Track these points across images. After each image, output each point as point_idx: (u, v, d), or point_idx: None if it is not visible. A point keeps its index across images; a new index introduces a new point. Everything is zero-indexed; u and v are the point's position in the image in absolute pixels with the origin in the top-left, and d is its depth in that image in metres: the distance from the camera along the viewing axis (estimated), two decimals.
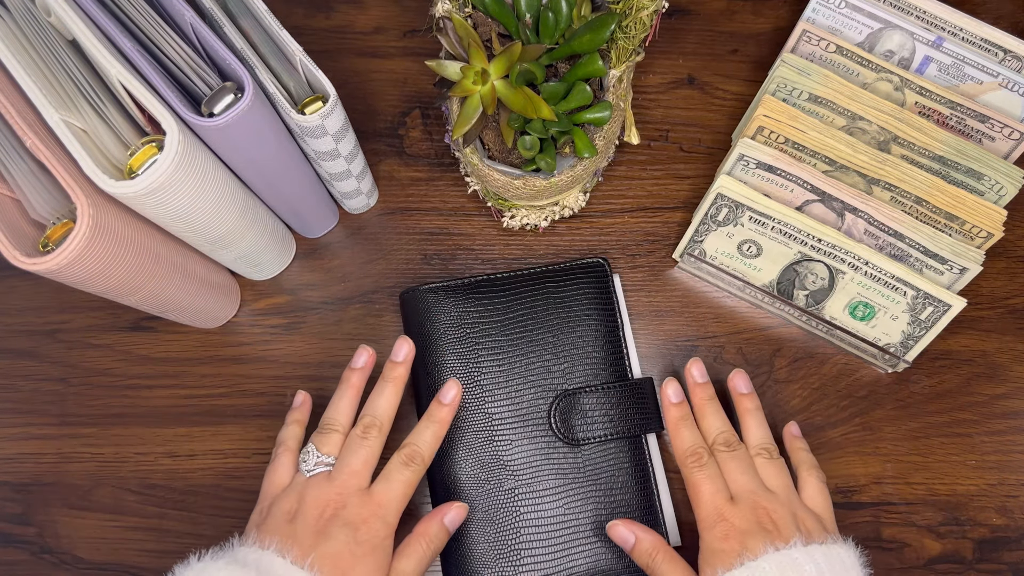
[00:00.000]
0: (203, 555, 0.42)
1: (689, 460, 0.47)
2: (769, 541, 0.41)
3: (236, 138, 0.44)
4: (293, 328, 0.58)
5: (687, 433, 0.49)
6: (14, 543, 0.55)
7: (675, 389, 0.51)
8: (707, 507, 0.44)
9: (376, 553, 0.43)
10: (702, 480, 0.46)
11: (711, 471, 0.46)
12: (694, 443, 0.48)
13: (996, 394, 0.56)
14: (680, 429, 0.49)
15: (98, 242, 0.41)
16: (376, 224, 0.61)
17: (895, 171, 0.53)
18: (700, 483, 0.46)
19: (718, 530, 0.43)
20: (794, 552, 0.40)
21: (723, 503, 0.44)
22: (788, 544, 0.41)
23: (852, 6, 0.57)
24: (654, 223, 0.60)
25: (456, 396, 0.51)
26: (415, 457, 0.47)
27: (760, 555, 0.40)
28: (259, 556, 0.41)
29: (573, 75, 0.49)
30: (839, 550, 0.42)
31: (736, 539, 0.42)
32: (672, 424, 0.50)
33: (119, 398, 0.57)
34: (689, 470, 0.47)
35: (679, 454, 0.48)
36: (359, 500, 0.44)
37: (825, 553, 0.41)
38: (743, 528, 0.42)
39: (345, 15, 0.65)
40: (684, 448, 0.48)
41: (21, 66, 0.42)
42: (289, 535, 0.42)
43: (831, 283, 0.54)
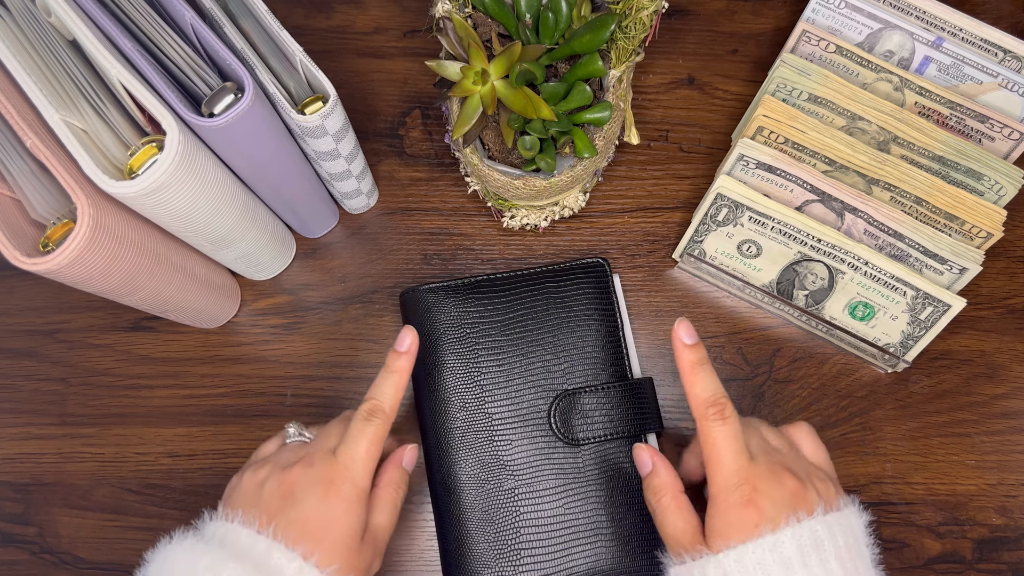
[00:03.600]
0: (175, 534, 0.40)
1: (710, 411, 0.40)
2: (791, 509, 0.37)
3: (236, 138, 0.44)
4: (293, 328, 0.58)
5: (707, 380, 0.42)
6: (14, 543, 0.55)
7: (687, 329, 0.43)
8: (729, 467, 0.39)
9: (348, 515, 0.41)
10: (726, 437, 0.40)
11: (735, 426, 0.40)
12: (716, 391, 0.41)
13: (996, 394, 0.56)
14: (697, 374, 0.42)
15: (98, 242, 0.41)
16: (376, 224, 0.61)
17: (895, 171, 0.53)
18: (723, 440, 0.40)
19: (738, 495, 0.38)
20: (815, 524, 0.37)
21: (746, 462, 0.39)
22: (811, 515, 0.37)
23: (852, 6, 0.57)
24: (654, 223, 0.60)
25: (412, 343, 0.46)
26: (376, 411, 0.44)
27: (780, 528, 0.37)
28: (225, 529, 0.39)
29: (573, 75, 0.50)
30: (851, 518, 0.39)
31: (757, 506, 0.37)
32: (687, 369, 0.42)
33: (119, 398, 0.57)
34: (710, 423, 0.40)
35: (697, 404, 0.41)
36: (325, 460, 0.42)
37: (842, 524, 0.38)
38: (766, 491, 0.38)
39: (345, 15, 0.65)
40: (704, 397, 0.41)
41: (21, 66, 0.42)
42: (255, 503, 0.41)
43: (831, 283, 0.54)
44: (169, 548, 0.39)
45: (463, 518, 0.51)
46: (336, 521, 0.40)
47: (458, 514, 0.51)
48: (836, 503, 0.39)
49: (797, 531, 0.36)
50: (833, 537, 0.37)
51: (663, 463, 0.44)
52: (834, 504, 0.39)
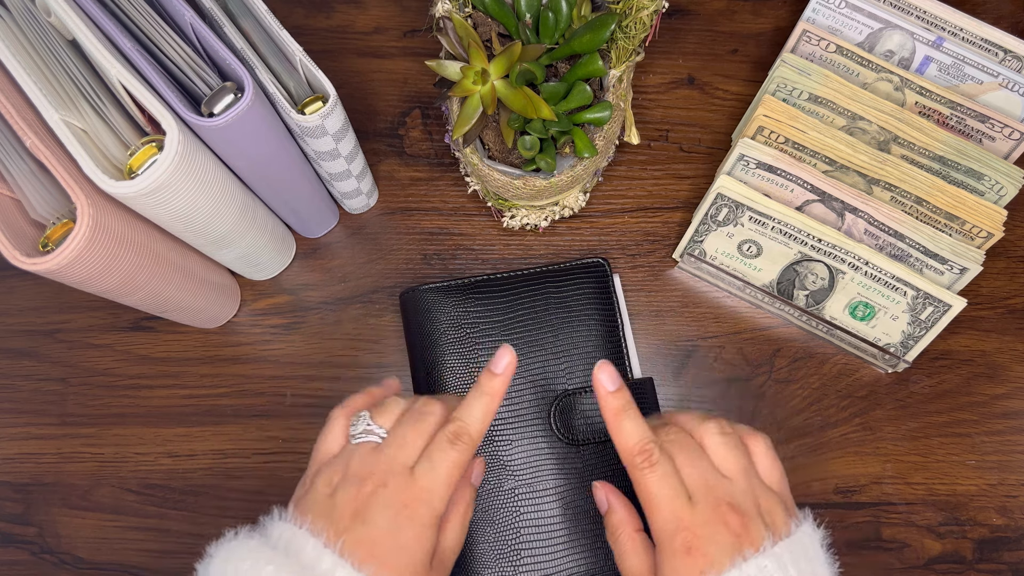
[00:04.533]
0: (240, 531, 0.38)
1: (638, 459, 0.39)
2: (737, 550, 0.36)
3: (236, 138, 0.44)
4: (293, 328, 0.58)
5: (631, 426, 0.40)
6: (14, 543, 0.55)
7: (610, 374, 0.41)
8: (664, 515, 0.38)
9: (420, 540, 0.38)
10: (656, 483, 0.38)
11: (665, 469, 0.39)
12: (642, 437, 0.39)
13: (996, 394, 0.56)
14: (622, 422, 0.40)
15: (98, 242, 0.41)
16: (376, 224, 0.61)
17: (895, 171, 0.53)
18: (654, 486, 0.38)
19: (678, 542, 0.37)
20: (763, 560, 0.36)
21: (682, 508, 0.38)
22: (758, 550, 0.36)
23: (852, 6, 0.57)
24: (654, 223, 0.60)
25: (510, 364, 0.42)
26: (462, 434, 0.40)
27: (725, 570, 0.36)
28: (292, 534, 0.37)
29: (573, 75, 0.49)
30: (804, 539, 0.38)
31: (700, 552, 0.36)
32: (611, 417, 0.41)
33: (119, 398, 0.57)
34: (640, 472, 0.39)
35: (625, 453, 0.40)
36: (402, 482, 0.39)
37: (791, 549, 0.37)
38: (706, 536, 0.37)
39: (345, 15, 0.65)
40: (631, 445, 0.39)
41: (21, 66, 0.42)
42: (325, 513, 0.38)
43: (831, 283, 0.54)
44: (234, 546, 0.37)
45: None
46: (407, 546, 0.38)
47: None
48: (786, 528, 0.38)
49: (744, 570, 0.35)
50: (783, 568, 0.36)
51: (619, 501, 0.43)
52: (783, 531, 0.38)
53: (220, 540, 0.38)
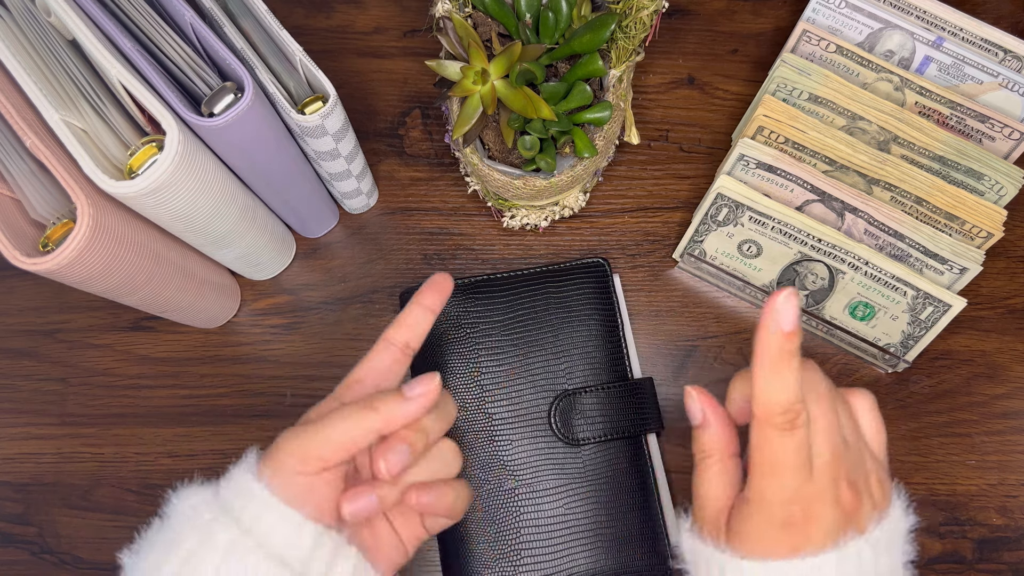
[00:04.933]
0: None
1: (780, 419, 0.33)
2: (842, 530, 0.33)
3: (236, 138, 0.44)
4: (293, 328, 0.58)
5: (791, 380, 0.33)
6: (14, 543, 0.55)
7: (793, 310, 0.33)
8: (783, 485, 0.33)
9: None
10: (789, 451, 0.33)
11: (802, 439, 0.33)
12: (794, 397, 0.33)
13: (996, 394, 0.56)
14: (783, 371, 0.33)
15: (98, 242, 0.41)
16: (376, 224, 0.61)
17: (895, 171, 0.53)
18: (784, 454, 0.33)
19: (784, 514, 0.33)
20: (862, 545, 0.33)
21: (803, 482, 0.33)
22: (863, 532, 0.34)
23: (852, 6, 0.57)
24: (654, 223, 0.60)
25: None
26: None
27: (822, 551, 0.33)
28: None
29: (573, 75, 0.50)
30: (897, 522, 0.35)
31: (801, 530, 0.33)
32: (773, 360, 0.33)
33: (119, 398, 0.57)
34: (777, 432, 0.33)
35: (768, 407, 0.33)
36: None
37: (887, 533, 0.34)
38: (817, 514, 0.33)
39: (345, 15, 0.65)
40: (779, 400, 0.33)
41: (21, 66, 0.42)
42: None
43: (831, 283, 0.54)
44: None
45: (463, 518, 0.51)
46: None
47: None
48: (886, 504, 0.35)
49: (843, 554, 0.33)
50: (876, 558, 0.34)
51: (718, 418, 0.38)
52: (883, 508, 0.35)
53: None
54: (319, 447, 0.34)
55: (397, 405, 0.36)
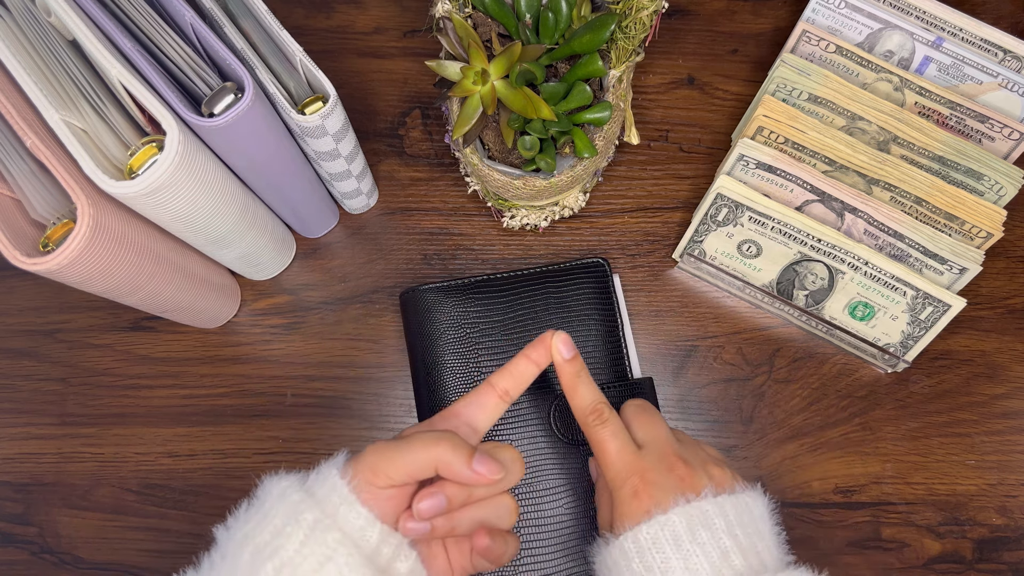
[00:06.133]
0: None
1: (590, 418, 0.43)
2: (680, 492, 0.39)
3: (236, 138, 0.44)
4: (293, 328, 0.58)
5: (584, 389, 0.43)
6: (14, 543, 0.55)
7: (566, 342, 0.43)
8: (615, 464, 0.41)
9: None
10: (607, 437, 0.42)
11: (615, 426, 0.42)
12: (594, 399, 0.43)
13: (996, 394, 0.56)
14: (577, 387, 0.43)
15: (98, 242, 0.41)
16: (376, 224, 0.61)
17: (895, 171, 0.53)
18: (606, 440, 0.42)
19: (627, 487, 0.40)
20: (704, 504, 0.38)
21: (631, 456, 0.41)
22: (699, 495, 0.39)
23: (852, 6, 0.57)
24: (654, 223, 0.60)
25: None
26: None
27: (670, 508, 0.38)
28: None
29: (573, 75, 0.50)
30: (747, 500, 0.40)
31: (646, 494, 0.39)
32: (568, 382, 0.44)
33: (119, 398, 0.57)
34: (592, 429, 0.42)
35: (580, 412, 0.43)
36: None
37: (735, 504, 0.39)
38: (653, 480, 0.40)
39: (345, 15, 0.65)
40: (585, 405, 0.43)
41: (21, 66, 0.42)
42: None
43: (831, 283, 0.54)
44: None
45: None
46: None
47: None
48: (730, 487, 0.40)
49: (685, 510, 0.38)
50: (724, 514, 0.38)
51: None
52: (727, 488, 0.40)
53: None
54: (390, 467, 0.38)
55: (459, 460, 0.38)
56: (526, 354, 0.44)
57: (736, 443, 0.55)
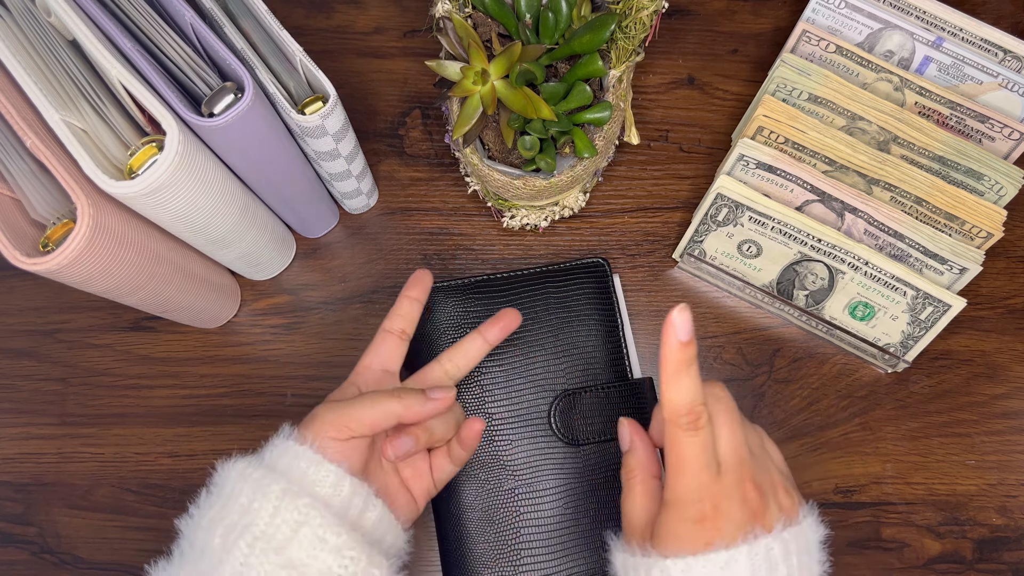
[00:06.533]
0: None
1: (684, 420, 0.37)
2: (750, 528, 0.36)
3: (236, 138, 0.44)
4: (293, 328, 0.58)
5: (689, 383, 0.37)
6: (14, 543, 0.55)
7: (686, 323, 0.36)
8: (691, 482, 0.37)
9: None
10: (695, 449, 0.37)
11: (707, 437, 0.37)
12: (695, 399, 0.37)
13: (996, 394, 0.56)
14: (681, 377, 0.37)
15: (98, 242, 0.41)
16: (376, 224, 0.61)
17: (895, 171, 0.53)
18: (691, 452, 0.37)
19: (695, 510, 0.36)
20: (772, 542, 0.36)
21: (710, 479, 0.37)
22: (770, 532, 0.36)
23: (852, 6, 0.57)
24: (654, 223, 0.60)
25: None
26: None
27: (734, 545, 0.35)
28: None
29: (573, 75, 0.50)
30: (807, 531, 0.38)
31: (714, 526, 0.36)
32: (674, 368, 0.37)
33: (119, 398, 0.57)
34: (683, 431, 0.37)
35: (673, 408, 0.37)
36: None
37: (798, 541, 0.37)
38: (726, 512, 0.36)
39: (345, 15, 0.65)
40: (681, 402, 0.37)
41: (21, 66, 0.42)
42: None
43: (831, 283, 0.54)
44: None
45: (463, 518, 0.51)
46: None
47: (458, 514, 0.51)
48: (795, 514, 0.38)
49: (753, 548, 0.35)
50: (788, 557, 0.36)
51: (642, 443, 0.42)
52: (793, 517, 0.38)
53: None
54: (351, 421, 0.41)
55: (418, 401, 0.43)
56: (405, 294, 0.48)
57: None
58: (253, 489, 0.38)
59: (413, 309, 0.48)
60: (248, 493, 0.38)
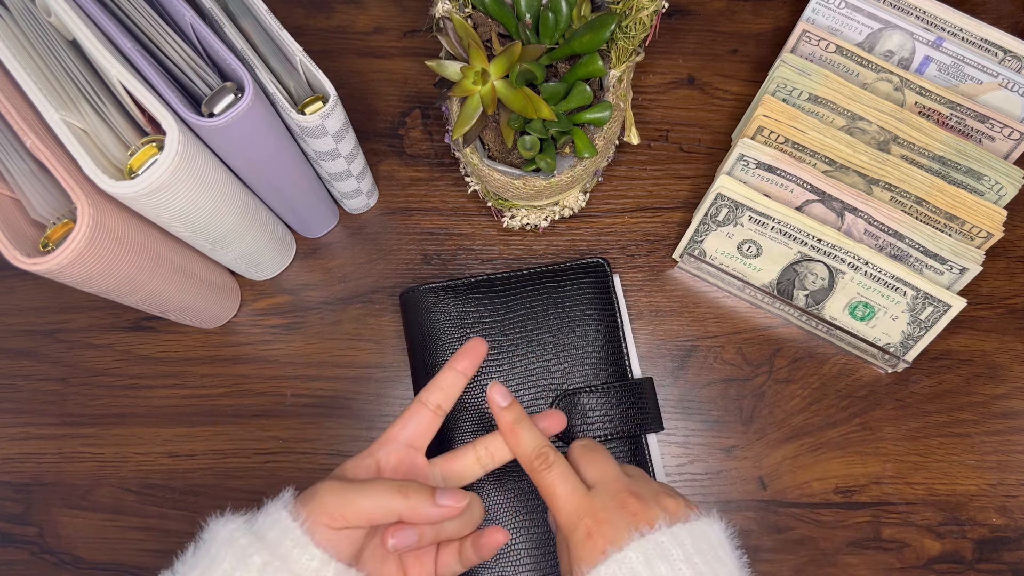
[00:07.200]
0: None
1: (536, 463, 0.42)
2: (634, 527, 0.38)
3: (236, 138, 0.44)
4: (293, 328, 0.58)
5: (526, 435, 0.43)
6: (14, 543, 0.55)
7: (501, 391, 0.44)
8: (566, 508, 0.40)
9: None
10: (555, 481, 0.41)
11: (562, 469, 0.41)
12: (537, 443, 0.42)
13: (996, 394, 0.56)
14: (518, 433, 0.43)
15: (98, 242, 0.41)
16: (376, 224, 0.61)
17: (895, 171, 0.53)
18: (554, 484, 0.41)
19: (580, 530, 0.39)
20: (659, 536, 0.37)
21: (580, 498, 0.40)
22: (653, 528, 0.38)
23: (852, 6, 0.57)
24: (654, 223, 0.60)
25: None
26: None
27: (625, 545, 0.37)
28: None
29: (573, 75, 0.50)
30: (703, 527, 0.39)
31: (600, 534, 0.38)
32: (507, 430, 0.43)
33: (119, 398, 0.57)
34: (539, 474, 0.41)
35: (524, 459, 0.43)
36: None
37: (690, 532, 0.38)
38: (606, 519, 0.39)
39: (345, 15, 0.65)
40: (528, 452, 0.42)
41: (21, 66, 0.42)
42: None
43: (831, 283, 0.54)
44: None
45: None
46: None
47: None
48: (684, 516, 0.39)
49: (640, 544, 0.37)
50: (681, 544, 0.37)
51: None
52: (682, 517, 0.39)
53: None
54: (348, 510, 0.38)
55: (423, 504, 0.39)
56: (452, 366, 0.44)
57: (736, 443, 0.55)
58: (236, 557, 0.37)
59: (456, 383, 0.44)
60: (231, 560, 0.37)
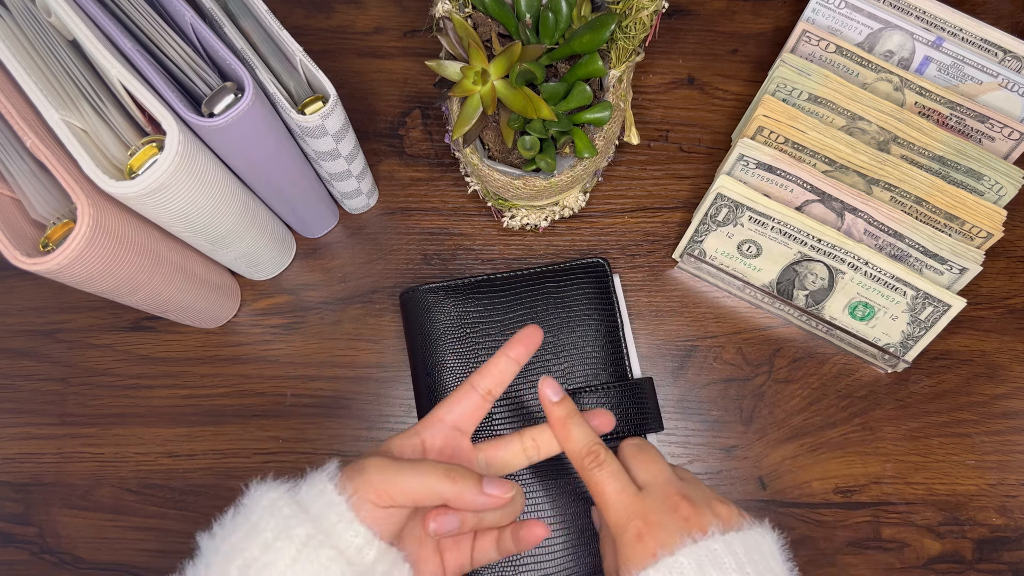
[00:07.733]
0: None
1: (586, 461, 0.41)
2: (686, 532, 0.37)
3: (236, 138, 0.44)
4: (293, 328, 0.58)
5: (577, 432, 0.42)
6: (14, 543, 0.55)
7: (553, 386, 0.43)
8: (615, 508, 0.39)
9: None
10: (606, 479, 0.40)
11: (613, 467, 0.40)
12: (588, 441, 0.42)
13: (996, 394, 0.56)
14: (569, 429, 0.42)
15: (98, 242, 0.41)
16: (376, 224, 0.61)
17: (895, 171, 0.53)
18: (604, 483, 0.40)
19: (631, 531, 0.38)
20: (712, 543, 0.36)
21: (631, 498, 0.39)
22: (706, 534, 0.37)
23: (852, 6, 0.57)
24: (654, 223, 0.60)
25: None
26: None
27: (676, 550, 0.36)
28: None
29: (573, 75, 0.50)
30: (756, 536, 0.38)
31: (651, 536, 0.37)
32: (558, 425, 0.42)
33: (119, 398, 0.57)
34: (589, 473, 0.41)
35: (574, 457, 0.42)
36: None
37: (743, 541, 0.37)
38: (657, 521, 0.38)
39: (345, 15, 0.65)
40: (579, 448, 0.41)
41: (21, 66, 0.42)
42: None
43: (831, 283, 0.54)
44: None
45: None
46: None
47: None
48: (737, 524, 0.39)
49: (693, 550, 0.36)
50: (734, 553, 0.36)
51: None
52: (735, 525, 0.38)
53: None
54: (394, 488, 0.37)
55: (470, 490, 0.39)
56: (505, 352, 0.43)
57: (736, 443, 0.55)
58: (279, 526, 0.36)
59: (508, 370, 0.43)
60: (274, 529, 0.36)
